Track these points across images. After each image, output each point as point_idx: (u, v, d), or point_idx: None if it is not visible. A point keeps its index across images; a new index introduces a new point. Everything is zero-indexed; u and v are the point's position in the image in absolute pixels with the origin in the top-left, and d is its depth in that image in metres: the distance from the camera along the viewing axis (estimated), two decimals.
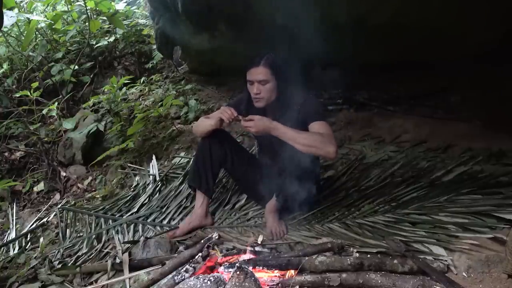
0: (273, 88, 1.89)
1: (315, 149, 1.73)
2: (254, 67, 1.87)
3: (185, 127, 3.58)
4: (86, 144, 3.82)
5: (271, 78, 1.87)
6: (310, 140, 1.73)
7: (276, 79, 1.88)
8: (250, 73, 1.90)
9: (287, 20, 2.48)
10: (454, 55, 2.72)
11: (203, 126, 2.06)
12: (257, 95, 1.90)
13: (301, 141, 1.72)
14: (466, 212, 1.76)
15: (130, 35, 4.76)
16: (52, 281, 1.97)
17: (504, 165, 2.17)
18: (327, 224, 1.99)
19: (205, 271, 1.65)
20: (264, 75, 1.86)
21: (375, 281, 1.42)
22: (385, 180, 2.27)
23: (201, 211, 2.17)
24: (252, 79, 1.89)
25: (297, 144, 1.72)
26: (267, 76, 1.86)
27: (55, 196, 3.57)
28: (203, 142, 2.13)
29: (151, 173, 2.95)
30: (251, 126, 1.77)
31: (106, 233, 2.42)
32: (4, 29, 3.93)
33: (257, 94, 1.89)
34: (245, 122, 1.79)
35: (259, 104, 1.93)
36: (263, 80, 1.86)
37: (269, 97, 1.90)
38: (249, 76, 1.90)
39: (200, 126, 2.09)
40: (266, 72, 1.86)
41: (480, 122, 2.65)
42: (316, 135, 1.76)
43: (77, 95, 4.51)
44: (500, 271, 1.46)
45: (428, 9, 2.13)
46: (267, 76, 1.86)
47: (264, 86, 1.87)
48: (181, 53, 3.90)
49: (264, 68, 1.86)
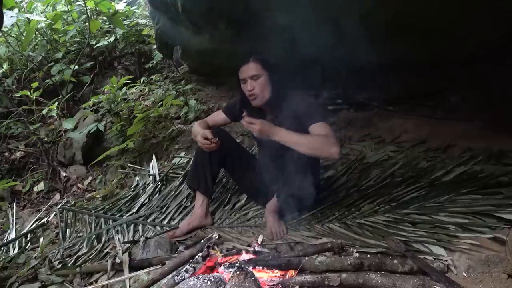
0: (265, 83, 1.90)
1: (319, 151, 1.74)
2: (245, 64, 1.90)
3: (185, 127, 3.58)
4: (86, 144, 3.83)
5: (263, 73, 1.89)
6: (313, 143, 1.73)
7: (268, 74, 1.89)
8: (241, 72, 1.93)
9: (287, 20, 2.48)
10: (454, 55, 2.72)
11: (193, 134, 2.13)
12: (251, 92, 1.90)
13: (304, 145, 1.72)
14: (466, 212, 1.76)
15: (130, 35, 4.76)
16: (52, 281, 1.97)
17: (504, 165, 2.17)
18: (327, 224, 1.99)
19: (205, 271, 1.65)
20: (255, 70, 1.88)
21: (375, 281, 1.42)
22: (385, 180, 2.27)
23: (201, 211, 2.17)
24: (244, 76, 1.91)
25: (300, 148, 1.72)
26: (258, 71, 1.88)
27: (55, 196, 3.57)
28: None
29: (151, 173, 2.95)
30: (254, 132, 1.76)
31: (106, 233, 2.42)
32: (4, 29, 3.93)
33: (251, 91, 1.90)
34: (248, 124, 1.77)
35: (256, 102, 1.93)
36: (255, 75, 1.88)
37: (264, 93, 1.91)
38: (241, 75, 1.93)
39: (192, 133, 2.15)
40: (257, 67, 1.88)
41: (480, 122, 2.65)
42: (318, 137, 1.76)
43: (77, 95, 4.52)
44: (500, 271, 1.45)
45: (428, 9, 2.12)
46: (258, 71, 1.88)
47: (257, 81, 1.89)
48: (181, 53, 3.89)
49: (255, 64, 1.89)
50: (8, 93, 4.27)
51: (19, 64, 4.48)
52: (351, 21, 2.20)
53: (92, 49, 4.55)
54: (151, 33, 4.65)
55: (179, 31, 3.30)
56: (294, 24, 2.39)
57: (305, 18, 2.35)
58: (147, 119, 3.51)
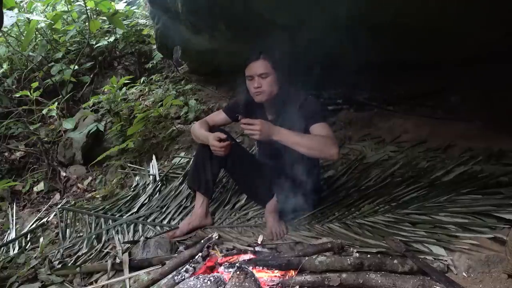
0: (273, 82, 1.89)
1: (318, 152, 1.74)
2: (253, 61, 1.88)
3: (185, 127, 3.58)
4: (86, 144, 3.83)
5: (272, 71, 1.87)
6: (313, 143, 1.73)
7: (276, 72, 1.88)
8: (249, 68, 1.90)
9: (287, 20, 2.48)
10: (454, 55, 2.72)
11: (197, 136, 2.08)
12: (257, 89, 1.89)
13: (303, 145, 1.71)
14: (466, 212, 1.76)
15: (130, 35, 4.77)
16: (52, 281, 1.97)
17: (504, 165, 2.17)
18: (327, 224, 1.99)
19: (205, 271, 1.65)
20: (265, 68, 1.86)
21: (375, 281, 1.42)
22: (385, 180, 2.27)
23: (201, 211, 2.17)
24: (252, 73, 1.89)
25: (300, 148, 1.72)
26: (267, 69, 1.86)
27: (55, 196, 3.57)
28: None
29: (151, 173, 2.95)
30: (254, 134, 1.72)
31: (106, 233, 2.42)
32: (4, 29, 3.93)
33: (258, 88, 1.88)
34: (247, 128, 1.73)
35: (260, 98, 1.91)
36: (264, 73, 1.86)
37: (271, 91, 1.90)
38: (249, 71, 1.90)
39: (196, 134, 2.10)
40: (266, 65, 1.86)
41: (480, 122, 2.65)
42: (318, 138, 1.76)
43: (77, 95, 4.52)
44: (500, 271, 1.45)
45: (428, 9, 2.12)
46: (268, 69, 1.86)
47: (265, 79, 1.87)
48: (181, 53, 3.90)
49: (264, 61, 1.86)
50: (8, 93, 4.27)
51: (19, 64, 4.48)
52: (351, 21, 2.20)
53: (92, 49, 4.55)
54: (151, 33, 4.65)
55: (179, 31, 3.30)
56: (294, 24, 2.39)
57: (305, 18, 2.35)
58: (147, 119, 3.51)
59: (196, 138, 2.12)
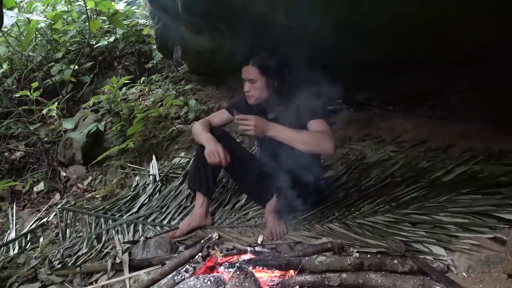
0: (262, 87, 1.92)
1: (313, 147, 1.75)
2: (245, 66, 1.93)
3: (185, 127, 3.58)
4: (86, 144, 3.82)
5: (260, 78, 1.91)
6: (307, 139, 1.74)
7: (266, 78, 1.91)
8: (242, 71, 1.96)
9: (287, 20, 2.48)
10: (454, 55, 2.72)
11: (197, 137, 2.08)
12: (247, 93, 1.96)
13: (298, 141, 1.73)
14: (466, 212, 1.76)
15: (130, 35, 4.76)
16: (52, 281, 1.97)
17: (504, 165, 2.17)
18: (327, 224, 1.99)
19: (205, 271, 1.65)
20: (253, 75, 1.91)
21: (375, 281, 1.42)
22: (385, 180, 2.27)
23: (201, 211, 2.17)
24: (243, 77, 1.95)
25: (294, 144, 1.73)
26: (255, 76, 1.90)
27: (55, 196, 3.57)
28: None
29: (151, 173, 2.95)
30: (248, 130, 1.74)
31: (106, 233, 2.42)
32: (4, 29, 3.93)
33: (248, 92, 1.95)
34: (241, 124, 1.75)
35: (251, 101, 1.99)
36: (252, 79, 1.91)
37: (259, 96, 1.95)
38: (242, 74, 1.96)
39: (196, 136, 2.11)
40: (255, 72, 1.90)
41: (480, 122, 2.65)
42: (313, 133, 1.77)
43: (77, 95, 4.51)
44: (500, 271, 1.45)
45: (428, 9, 2.12)
46: (256, 76, 1.90)
47: (253, 84, 1.92)
48: (181, 53, 3.90)
49: (253, 68, 1.90)
50: (8, 93, 4.26)
51: (19, 64, 4.48)
52: (351, 21, 2.20)
53: (92, 49, 4.55)
54: (151, 33, 4.65)
55: (179, 31, 3.30)
56: (294, 24, 2.39)
57: (305, 18, 2.35)
58: (147, 119, 3.51)
59: (196, 139, 2.12)
